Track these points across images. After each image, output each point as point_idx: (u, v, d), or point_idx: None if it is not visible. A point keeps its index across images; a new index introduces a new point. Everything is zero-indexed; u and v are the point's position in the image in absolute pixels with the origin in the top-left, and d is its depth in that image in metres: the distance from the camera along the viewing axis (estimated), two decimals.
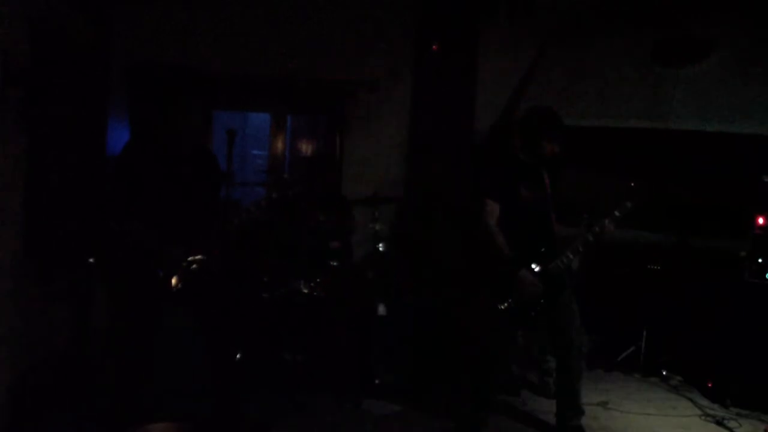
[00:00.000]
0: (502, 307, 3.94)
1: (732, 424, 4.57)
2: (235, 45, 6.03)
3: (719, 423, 4.59)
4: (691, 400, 5.05)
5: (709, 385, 5.14)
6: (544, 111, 4.12)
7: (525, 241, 3.97)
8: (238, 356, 4.36)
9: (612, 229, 4.01)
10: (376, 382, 4.82)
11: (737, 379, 4.95)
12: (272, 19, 6.10)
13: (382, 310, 4.99)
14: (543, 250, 4.01)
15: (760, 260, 5.00)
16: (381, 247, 5.14)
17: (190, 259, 3.72)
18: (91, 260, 4.76)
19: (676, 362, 5.57)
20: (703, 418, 4.70)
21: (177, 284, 3.66)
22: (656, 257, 5.77)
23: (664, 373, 5.52)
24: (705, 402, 5.00)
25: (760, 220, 5.07)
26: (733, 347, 5.02)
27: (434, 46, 6.10)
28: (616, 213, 4.01)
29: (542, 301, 3.98)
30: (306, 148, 6.77)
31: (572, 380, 4.14)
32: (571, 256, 4.03)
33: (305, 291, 4.79)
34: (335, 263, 5.03)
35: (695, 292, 5.50)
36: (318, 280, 4.84)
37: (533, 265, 3.96)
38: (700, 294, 5.43)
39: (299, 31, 6.12)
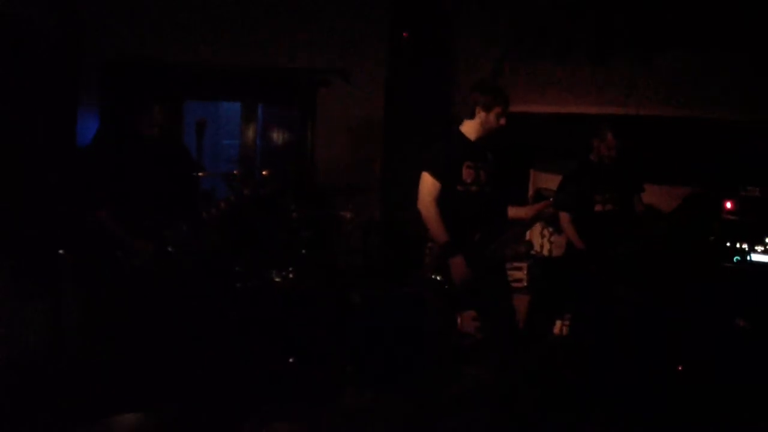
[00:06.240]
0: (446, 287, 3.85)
1: None
2: (206, 36, 5.99)
3: None
4: None
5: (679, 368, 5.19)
6: (496, 90, 3.95)
7: (464, 224, 3.84)
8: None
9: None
10: (348, 370, 4.80)
11: None
12: (242, 9, 6.06)
13: (355, 299, 4.99)
14: (479, 236, 3.86)
15: (728, 244, 5.05)
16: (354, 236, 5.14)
17: None
18: (61, 252, 4.71)
19: None
20: None
21: None
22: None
23: None
24: None
25: (728, 205, 5.11)
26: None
27: (405, 33, 6.09)
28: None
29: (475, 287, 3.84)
30: (278, 137, 6.74)
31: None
32: (500, 245, 3.92)
33: (277, 280, 4.79)
34: (308, 253, 5.03)
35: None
36: (290, 269, 4.83)
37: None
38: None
39: (271, 20, 6.08)
